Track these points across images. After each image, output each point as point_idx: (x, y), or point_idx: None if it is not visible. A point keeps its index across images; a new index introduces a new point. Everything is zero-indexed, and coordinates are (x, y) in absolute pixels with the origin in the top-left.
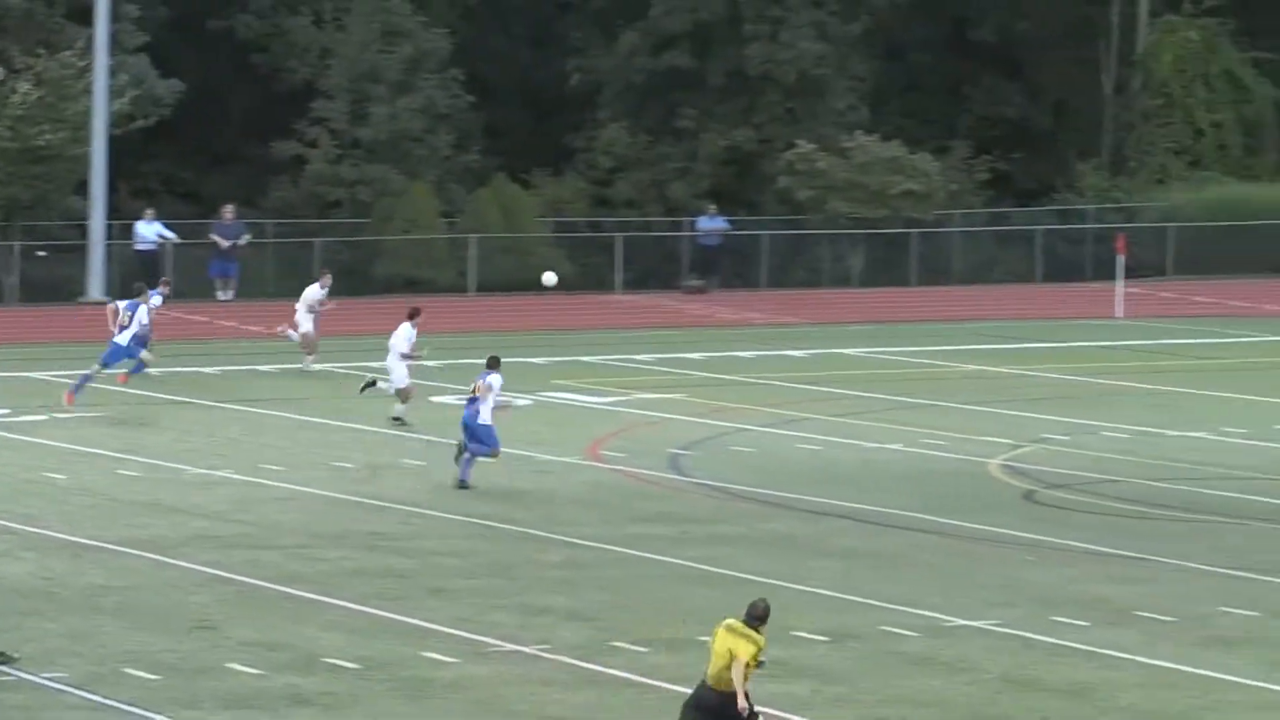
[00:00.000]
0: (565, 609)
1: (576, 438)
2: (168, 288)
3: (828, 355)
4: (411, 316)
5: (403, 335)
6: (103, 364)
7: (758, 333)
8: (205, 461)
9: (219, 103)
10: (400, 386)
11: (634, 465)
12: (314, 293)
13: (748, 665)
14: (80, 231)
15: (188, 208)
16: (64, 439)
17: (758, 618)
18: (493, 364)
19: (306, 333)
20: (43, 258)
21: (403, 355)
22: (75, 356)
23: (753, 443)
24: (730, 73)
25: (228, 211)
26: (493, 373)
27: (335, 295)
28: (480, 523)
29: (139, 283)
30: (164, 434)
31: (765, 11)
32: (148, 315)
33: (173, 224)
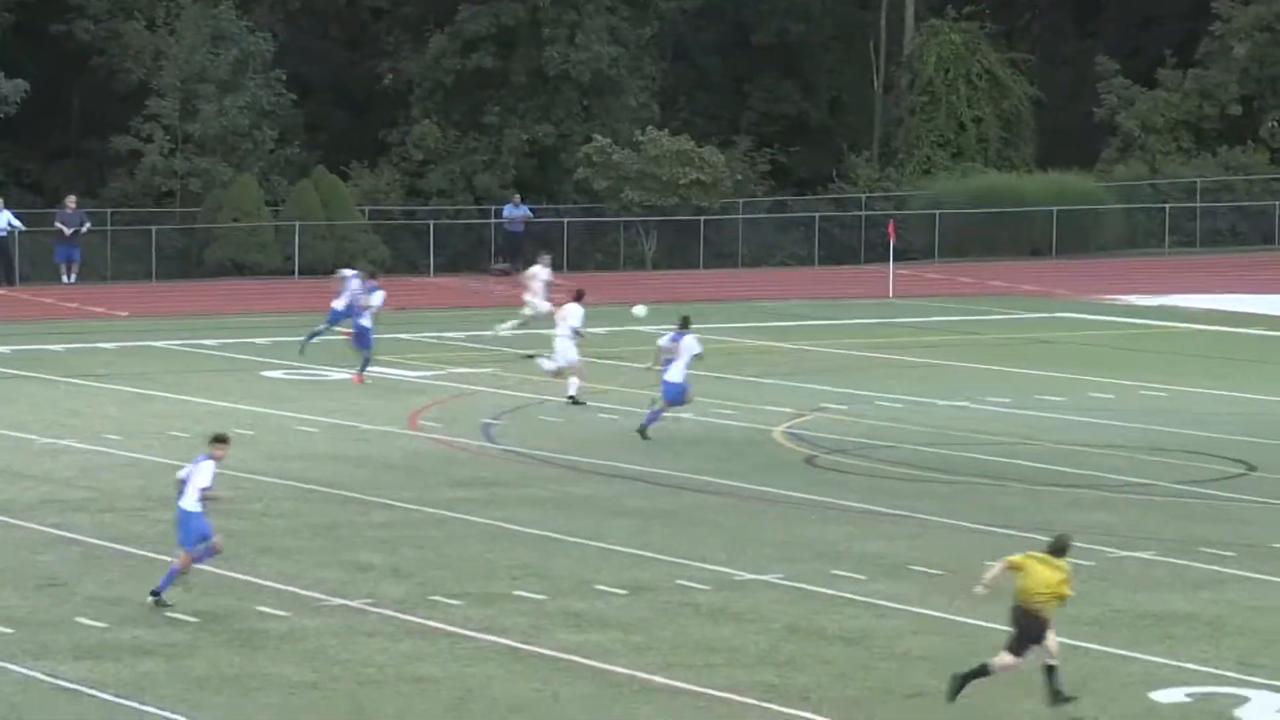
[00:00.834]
0: (387, 566)
1: (395, 409)
2: None
3: (624, 332)
4: (579, 297)
5: (575, 314)
6: None
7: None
8: (51, 431)
9: (61, 101)
10: (563, 364)
11: (448, 434)
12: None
13: (1062, 594)
14: None
15: (33, 198)
16: None
17: (1061, 550)
18: (685, 324)
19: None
20: None
21: (575, 331)
22: None
23: (558, 412)
24: (531, 73)
25: (70, 201)
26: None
27: (169, 279)
28: (305, 487)
29: None
30: (11, 406)
31: (563, 16)
32: None
33: (20, 213)
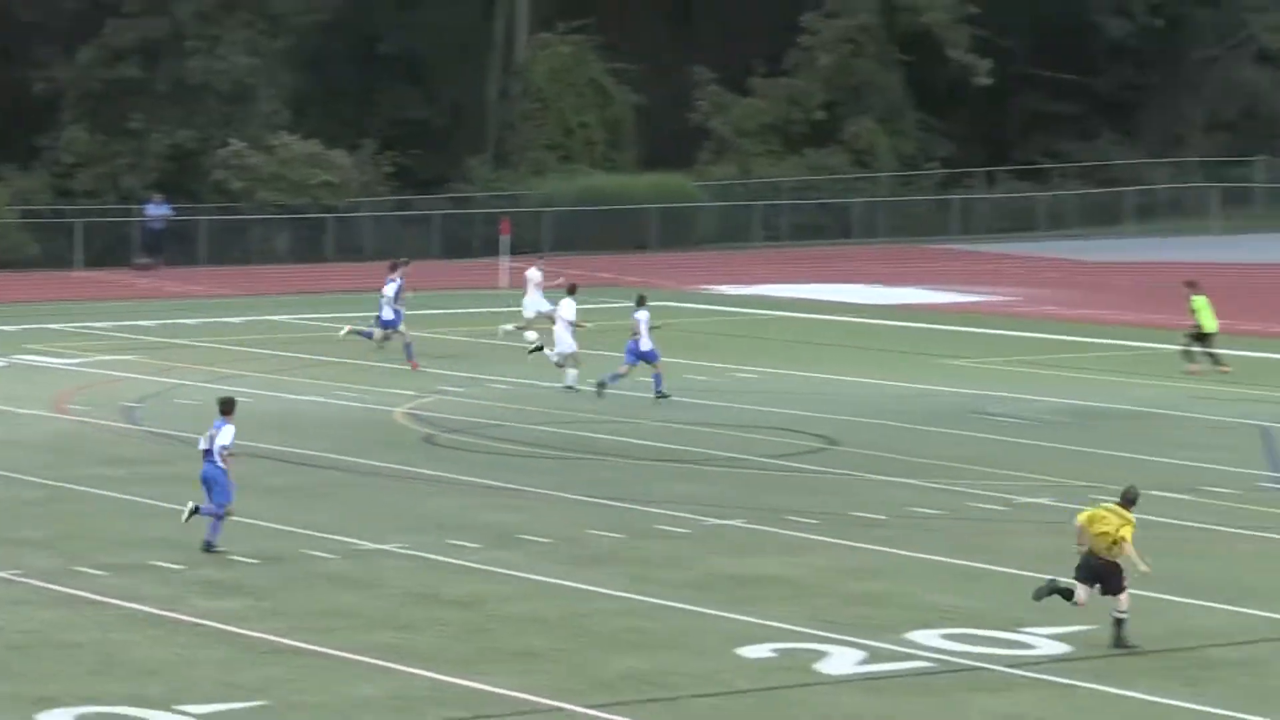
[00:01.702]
0: (37, 539)
1: (45, 394)
2: None
3: (259, 321)
4: (571, 290)
5: (569, 308)
6: None
7: (199, 303)
8: None
9: None
10: (567, 352)
11: (94, 417)
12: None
13: (1127, 540)
14: None
15: None
16: None
17: (1131, 501)
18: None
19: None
20: None
21: (571, 323)
22: None
23: (196, 396)
24: (174, 82)
25: None
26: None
27: None
28: None
29: None
30: None
31: (205, 30)
32: None
33: None
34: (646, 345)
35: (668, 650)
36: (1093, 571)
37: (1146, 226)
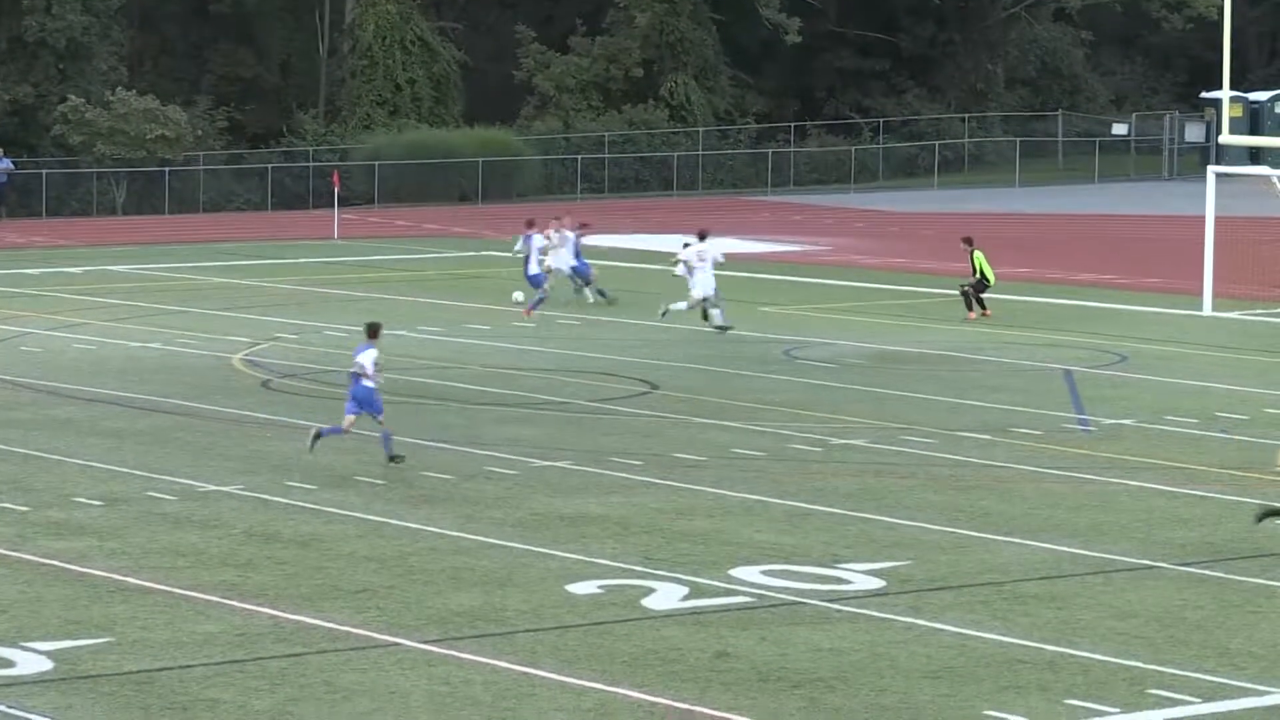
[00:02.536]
0: None
1: None
2: None
3: (100, 271)
4: (702, 237)
5: (715, 249)
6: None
7: (41, 254)
8: None
9: None
10: (708, 295)
11: None
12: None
13: None
14: None
15: None
16: None
17: None
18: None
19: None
20: None
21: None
22: None
23: (39, 344)
24: (12, 40)
25: None
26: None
27: None
28: None
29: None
30: None
31: None
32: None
33: None
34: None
35: (499, 587)
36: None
37: (950, 179)
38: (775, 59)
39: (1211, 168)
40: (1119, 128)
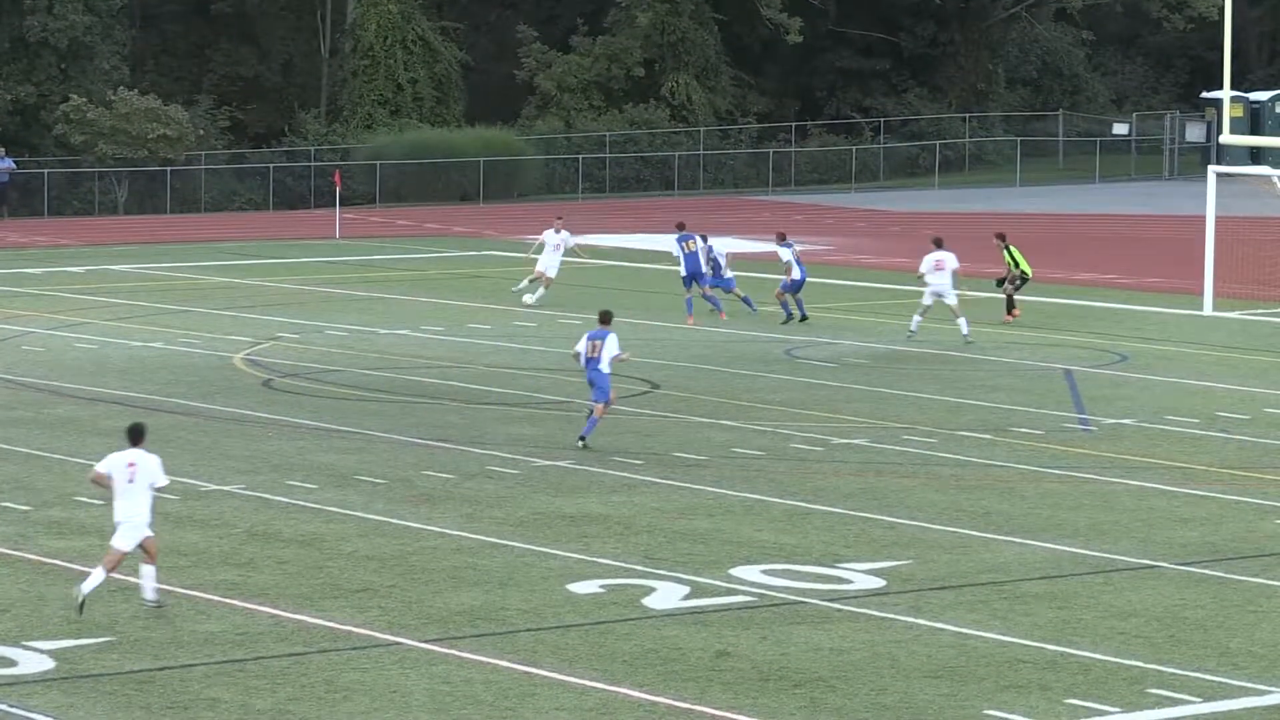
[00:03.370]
0: None
1: None
2: None
3: (101, 270)
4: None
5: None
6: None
7: (43, 253)
8: None
9: None
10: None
11: None
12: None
13: None
14: None
15: None
16: None
17: None
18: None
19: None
20: None
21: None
22: None
23: (40, 343)
24: (14, 39)
25: None
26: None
27: None
28: None
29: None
30: None
31: None
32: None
33: None
34: (796, 275)
35: (500, 587)
36: None
37: (951, 178)
38: (776, 59)
39: (1212, 167)
40: (1120, 127)
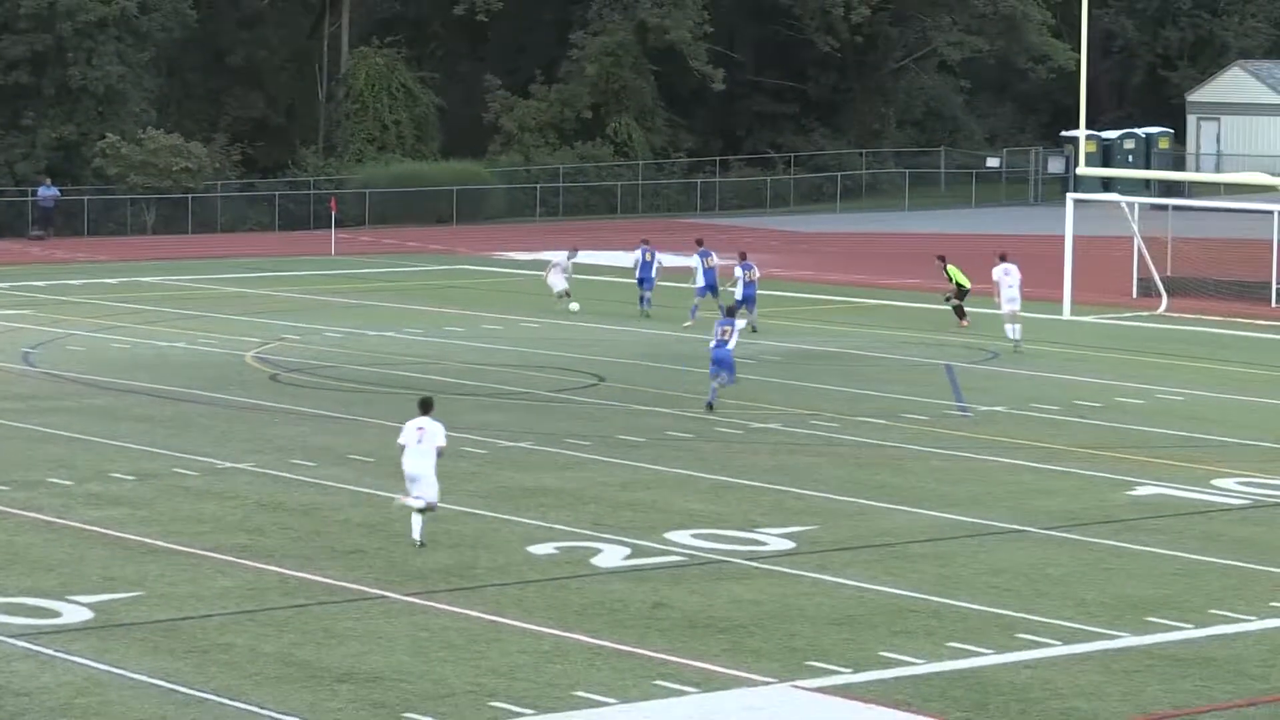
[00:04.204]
0: None
1: None
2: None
3: (133, 282)
4: (1004, 258)
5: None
6: None
7: (83, 268)
8: None
9: None
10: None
11: None
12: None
13: None
14: None
15: None
16: None
17: None
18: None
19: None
20: None
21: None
22: None
23: (82, 343)
24: (58, 86)
25: None
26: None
27: None
28: None
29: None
30: None
31: (82, 44)
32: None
33: None
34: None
35: (470, 548)
36: None
37: (850, 204)
38: (703, 103)
39: (1070, 195)
40: (992, 161)
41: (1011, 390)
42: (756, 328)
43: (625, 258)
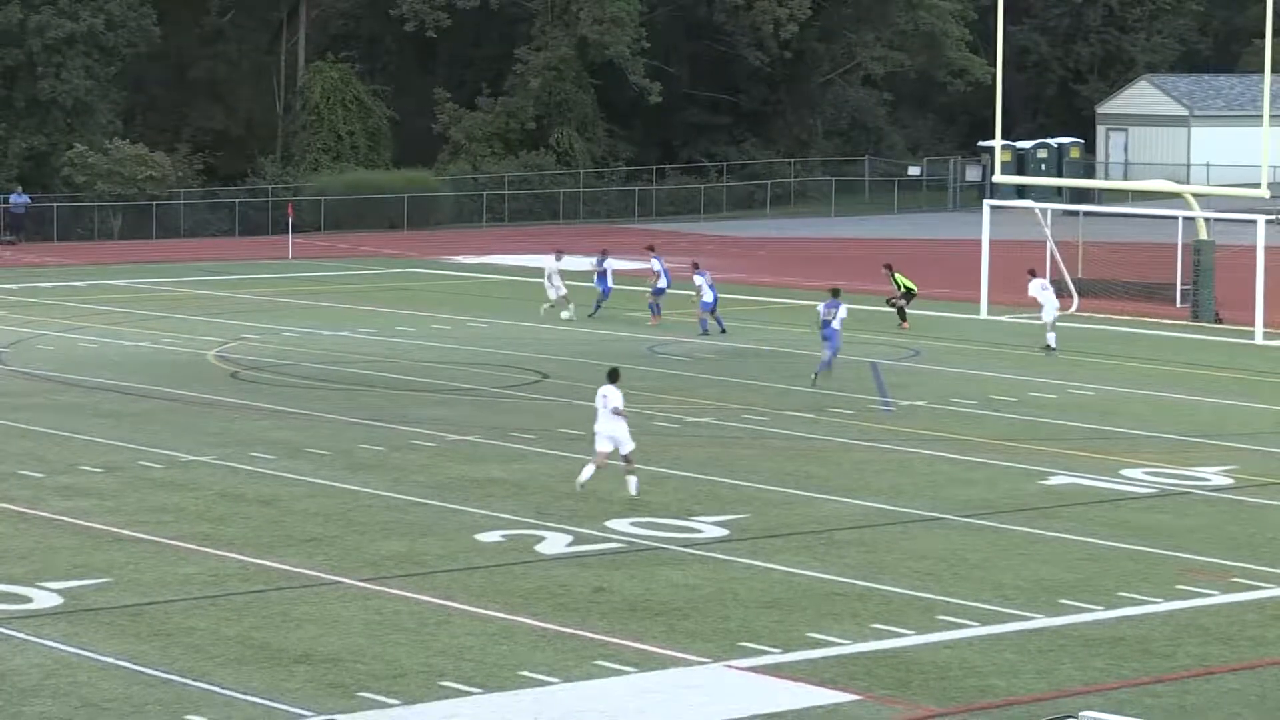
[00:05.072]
0: None
1: None
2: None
3: (101, 285)
4: (1033, 274)
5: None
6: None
7: (53, 271)
8: None
9: None
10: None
11: None
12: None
13: None
14: None
15: None
16: None
17: None
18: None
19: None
20: None
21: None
22: None
23: (51, 343)
24: (29, 99)
25: None
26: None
27: None
28: None
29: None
30: None
31: (51, 59)
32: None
33: None
34: (708, 297)
35: (421, 536)
36: None
37: (780, 210)
38: (641, 115)
39: (987, 201)
40: (914, 169)
41: (932, 386)
42: (725, 329)
43: (567, 262)
